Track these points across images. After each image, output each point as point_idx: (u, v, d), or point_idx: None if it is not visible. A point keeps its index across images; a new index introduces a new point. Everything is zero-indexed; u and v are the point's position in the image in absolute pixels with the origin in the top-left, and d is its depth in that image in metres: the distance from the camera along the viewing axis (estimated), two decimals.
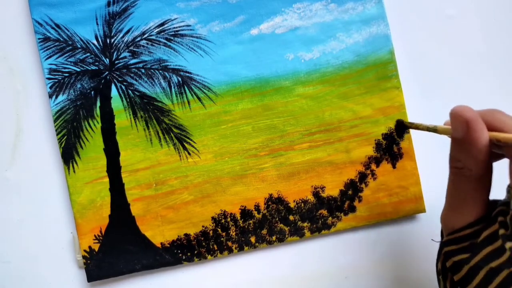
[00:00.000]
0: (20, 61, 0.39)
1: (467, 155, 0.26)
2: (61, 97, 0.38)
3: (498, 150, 0.27)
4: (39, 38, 0.38)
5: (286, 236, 0.39)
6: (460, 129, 0.25)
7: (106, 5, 0.38)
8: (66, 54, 0.38)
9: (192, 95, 0.39)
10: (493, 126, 0.26)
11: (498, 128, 0.26)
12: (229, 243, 0.39)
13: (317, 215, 0.39)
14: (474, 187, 0.26)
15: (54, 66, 0.38)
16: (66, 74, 0.38)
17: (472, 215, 0.26)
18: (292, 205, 0.39)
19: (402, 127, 0.39)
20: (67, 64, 0.38)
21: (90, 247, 0.38)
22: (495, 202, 0.27)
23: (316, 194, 0.39)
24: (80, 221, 0.38)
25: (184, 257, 0.39)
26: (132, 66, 0.38)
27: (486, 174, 0.26)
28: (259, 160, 0.39)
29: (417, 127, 0.36)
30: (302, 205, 0.39)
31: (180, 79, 0.39)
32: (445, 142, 0.41)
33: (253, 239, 0.39)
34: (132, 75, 0.38)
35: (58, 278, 0.39)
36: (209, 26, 0.39)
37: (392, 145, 0.39)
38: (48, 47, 0.38)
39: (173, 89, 0.39)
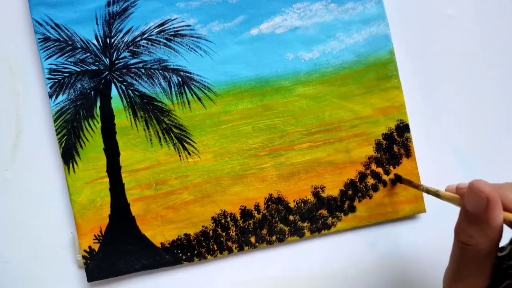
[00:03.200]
0: (20, 61, 0.39)
1: (481, 233, 0.24)
2: (61, 97, 0.38)
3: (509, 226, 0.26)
4: (39, 38, 0.38)
5: (286, 236, 0.39)
6: (477, 205, 0.24)
7: (106, 5, 0.38)
8: (66, 54, 0.38)
9: (192, 95, 0.39)
10: (504, 204, 0.25)
11: (508, 206, 0.25)
12: (229, 243, 0.39)
13: (317, 215, 0.39)
14: (482, 261, 0.25)
15: (54, 66, 0.38)
16: (66, 74, 0.38)
17: (478, 285, 0.26)
18: (292, 205, 0.39)
19: (399, 181, 0.39)
20: (67, 64, 0.38)
21: (90, 247, 0.38)
22: (500, 266, 0.26)
23: (316, 194, 0.39)
24: (80, 221, 0.38)
25: (184, 257, 0.39)
26: (132, 66, 0.38)
27: (495, 249, 0.25)
28: (259, 160, 0.39)
29: (416, 186, 0.35)
30: (302, 205, 0.39)
31: (180, 79, 0.39)
32: (446, 142, 0.41)
33: (253, 239, 0.39)
34: (132, 75, 0.38)
35: (58, 278, 0.39)
36: (209, 26, 0.39)
37: (392, 145, 0.39)
38: (48, 47, 0.38)
39: (173, 89, 0.39)
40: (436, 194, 0.31)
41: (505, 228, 0.25)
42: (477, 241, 0.25)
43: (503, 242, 0.26)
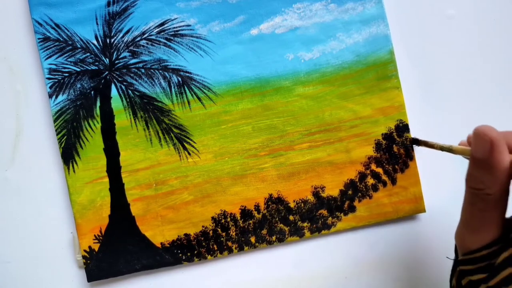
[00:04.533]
0: (20, 61, 0.39)
1: (489, 177, 0.25)
2: (61, 97, 0.38)
3: None
4: (39, 38, 0.37)
5: (286, 236, 0.39)
6: (483, 150, 0.25)
7: (106, 5, 0.38)
8: (66, 54, 0.38)
9: (192, 95, 0.39)
10: (510, 149, 0.25)
11: None
12: (229, 243, 0.39)
13: (317, 215, 0.39)
14: (493, 208, 0.26)
15: (54, 66, 0.38)
16: (66, 74, 0.38)
17: (489, 236, 0.26)
18: (292, 205, 0.39)
19: (416, 144, 0.39)
20: (67, 64, 0.38)
21: (90, 247, 0.38)
22: (511, 220, 0.27)
23: (316, 194, 0.39)
24: (80, 221, 0.38)
25: (184, 257, 0.39)
26: (132, 66, 0.38)
27: (505, 195, 0.26)
28: (259, 160, 0.39)
29: (432, 146, 0.36)
30: (302, 205, 0.39)
31: (180, 79, 0.39)
32: (445, 142, 0.41)
33: (253, 239, 0.39)
34: (132, 75, 0.38)
35: (58, 278, 0.39)
36: (209, 26, 0.39)
37: (392, 145, 0.39)
38: (48, 47, 0.38)
39: (173, 89, 0.39)
40: (449, 149, 0.32)
41: None
42: (487, 185, 0.25)
43: None
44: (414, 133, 0.40)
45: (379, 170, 0.39)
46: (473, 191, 0.26)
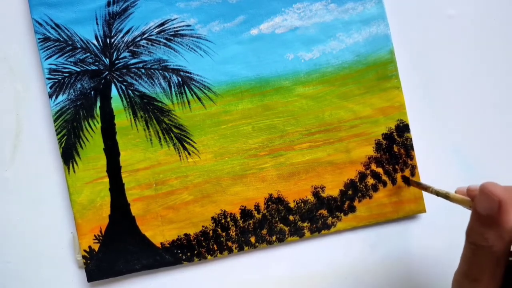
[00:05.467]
0: (20, 61, 0.39)
1: (494, 235, 0.25)
2: (61, 97, 0.38)
3: None
4: (39, 38, 0.38)
5: (286, 236, 0.39)
6: (490, 208, 0.24)
7: (106, 5, 0.38)
8: (66, 54, 0.38)
9: (192, 95, 0.39)
10: None
11: None
12: (229, 243, 0.39)
13: (317, 215, 0.39)
14: (495, 264, 0.25)
15: (54, 66, 0.38)
16: (66, 74, 0.38)
17: (490, 285, 0.26)
18: (292, 205, 0.39)
19: (407, 183, 0.39)
20: (67, 64, 0.38)
21: (90, 247, 0.38)
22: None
23: (316, 194, 0.39)
24: (80, 221, 0.38)
25: (184, 257, 0.39)
26: (132, 66, 0.38)
27: (508, 251, 0.25)
28: (259, 160, 0.39)
29: (425, 188, 0.35)
30: (302, 205, 0.39)
31: (180, 79, 0.39)
32: (446, 142, 0.41)
33: (253, 239, 0.39)
34: (132, 75, 0.38)
35: (58, 278, 0.39)
36: (209, 26, 0.39)
37: (392, 145, 0.39)
38: (48, 47, 0.38)
39: (173, 89, 0.39)
40: (446, 196, 0.31)
41: None
42: (492, 242, 0.25)
43: None
44: (414, 133, 0.40)
45: (379, 170, 0.39)
46: (475, 247, 0.26)
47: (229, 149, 0.39)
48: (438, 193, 0.33)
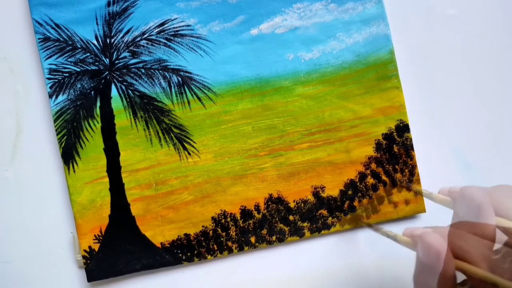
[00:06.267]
0: (20, 61, 0.39)
1: (434, 280, 0.25)
2: (61, 97, 0.38)
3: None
4: (39, 38, 0.38)
5: (286, 236, 0.39)
6: (429, 258, 0.25)
7: (106, 5, 0.38)
8: (66, 54, 0.38)
9: (192, 95, 0.39)
10: (496, 209, 0.26)
11: (499, 212, 0.26)
12: (229, 243, 0.39)
13: (317, 215, 0.39)
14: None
15: (54, 66, 0.38)
16: (66, 74, 0.38)
17: None
18: (292, 205, 0.39)
19: (358, 224, 0.39)
20: (67, 64, 0.38)
21: (90, 247, 0.38)
22: None
23: (316, 194, 0.39)
24: (80, 221, 0.38)
25: (184, 257, 0.39)
26: (132, 66, 0.38)
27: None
28: (259, 160, 0.39)
29: (377, 229, 0.37)
30: (302, 205, 0.39)
31: (180, 79, 0.39)
32: (446, 142, 0.41)
33: (253, 239, 0.39)
34: (132, 75, 0.38)
35: (58, 278, 0.39)
36: (209, 26, 0.39)
37: (392, 145, 0.39)
38: (48, 47, 0.38)
39: (173, 89, 0.39)
40: (394, 238, 0.32)
41: None
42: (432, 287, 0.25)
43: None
44: (414, 133, 0.40)
45: (379, 170, 0.39)
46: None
47: (229, 149, 0.39)
48: (388, 235, 0.33)
